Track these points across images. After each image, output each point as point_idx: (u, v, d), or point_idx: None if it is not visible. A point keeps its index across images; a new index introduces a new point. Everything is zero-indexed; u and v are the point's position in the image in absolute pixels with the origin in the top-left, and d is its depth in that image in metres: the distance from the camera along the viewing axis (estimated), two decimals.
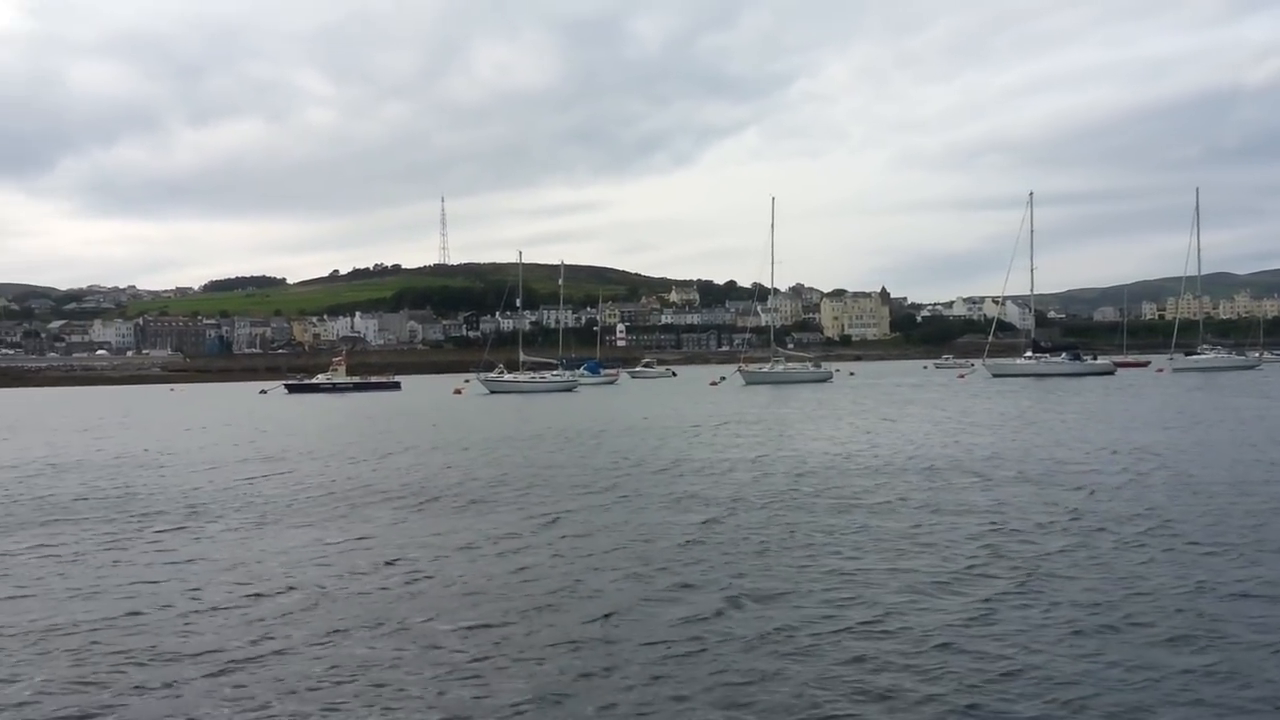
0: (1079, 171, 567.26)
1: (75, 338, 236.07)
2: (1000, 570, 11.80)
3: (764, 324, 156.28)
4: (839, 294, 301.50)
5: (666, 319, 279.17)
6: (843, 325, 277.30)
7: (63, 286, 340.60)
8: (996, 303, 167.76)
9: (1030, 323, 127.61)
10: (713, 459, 25.17)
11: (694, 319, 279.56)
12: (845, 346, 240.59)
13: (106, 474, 25.09)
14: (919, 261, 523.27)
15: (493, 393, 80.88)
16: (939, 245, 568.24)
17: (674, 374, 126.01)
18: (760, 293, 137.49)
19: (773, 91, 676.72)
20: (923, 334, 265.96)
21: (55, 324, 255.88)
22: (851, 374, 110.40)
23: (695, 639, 9.33)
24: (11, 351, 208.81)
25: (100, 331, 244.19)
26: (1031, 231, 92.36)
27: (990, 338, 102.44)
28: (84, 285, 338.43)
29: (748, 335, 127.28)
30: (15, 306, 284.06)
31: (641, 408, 53.79)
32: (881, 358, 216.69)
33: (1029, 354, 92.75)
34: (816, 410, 47.03)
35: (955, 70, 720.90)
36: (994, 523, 14.86)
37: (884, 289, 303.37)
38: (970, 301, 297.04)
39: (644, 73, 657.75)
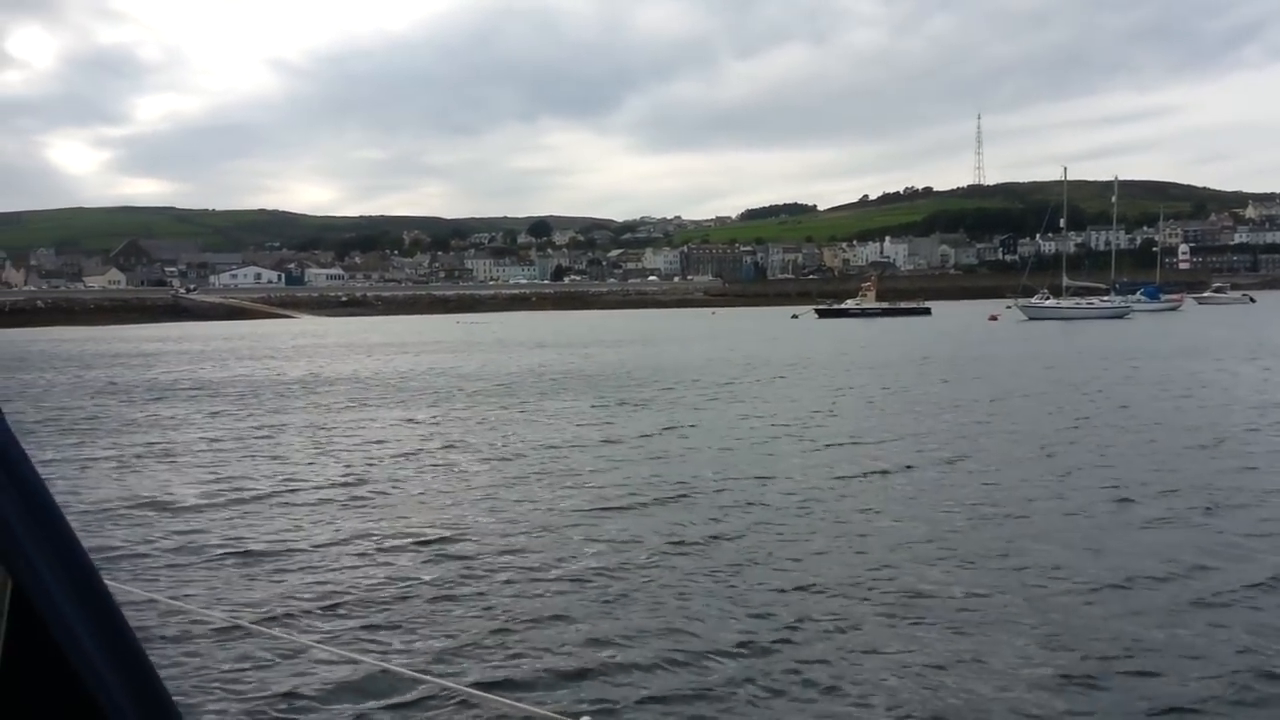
0: None
1: (630, 265, 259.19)
2: None
3: None
4: None
5: (1241, 238, 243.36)
6: None
7: (619, 218, 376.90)
8: None
9: None
10: None
11: (1277, 238, 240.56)
12: None
13: None
14: None
15: (1031, 319, 75.27)
16: None
17: (1252, 300, 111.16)
18: None
19: None
20: None
21: (613, 253, 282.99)
22: None
23: None
24: (579, 278, 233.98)
25: (650, 259, 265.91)
26: None
27: None
28: (637, 217, 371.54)
29: None
30: (581, 238, 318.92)
31: None
32: None
33: None
34: None
35: None
36: None
37: None
38: None
39: None
